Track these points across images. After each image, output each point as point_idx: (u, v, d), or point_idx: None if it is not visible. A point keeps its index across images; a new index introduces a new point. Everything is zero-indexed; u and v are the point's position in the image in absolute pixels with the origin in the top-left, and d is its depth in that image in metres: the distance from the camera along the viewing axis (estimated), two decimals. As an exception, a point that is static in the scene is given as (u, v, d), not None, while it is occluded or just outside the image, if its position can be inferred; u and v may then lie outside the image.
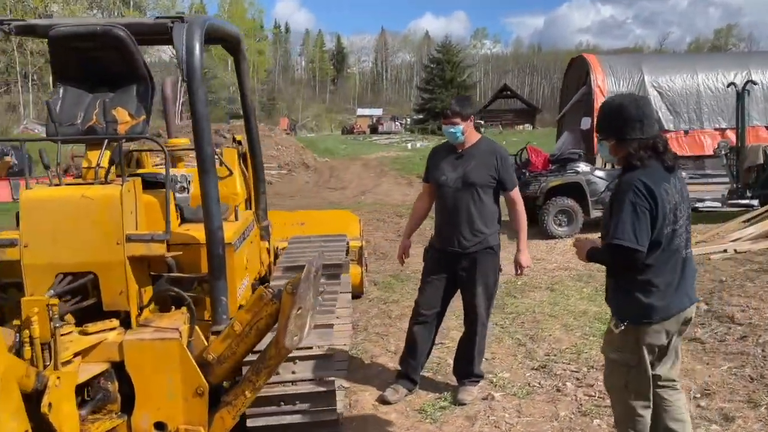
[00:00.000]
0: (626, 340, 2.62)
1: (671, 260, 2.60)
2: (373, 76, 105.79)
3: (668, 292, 2.58)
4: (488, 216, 3.83)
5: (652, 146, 2.60)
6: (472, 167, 3.80)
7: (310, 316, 2.78)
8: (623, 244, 2.46)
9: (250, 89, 4.20)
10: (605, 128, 2.73)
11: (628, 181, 2.56)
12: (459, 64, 51.70)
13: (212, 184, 3.03)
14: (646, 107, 2.68)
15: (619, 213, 2.50)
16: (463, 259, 3.84)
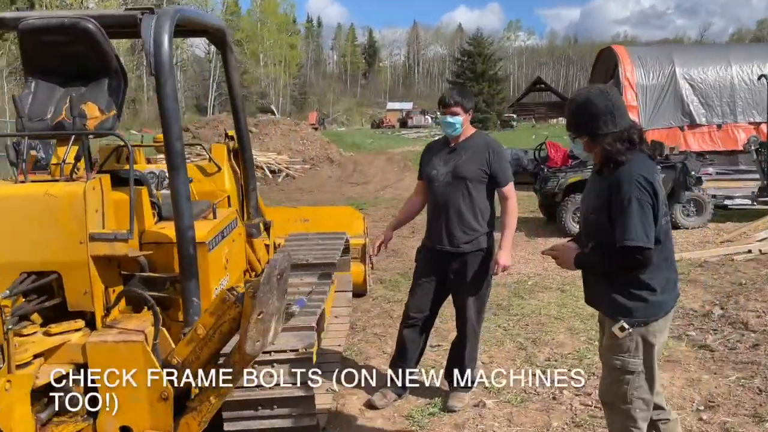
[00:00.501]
0: (633, 342, 2.47)
1: (669, 253, 2.52)
2: (405, 69, 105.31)
3: (668, 287, 2.50)
4: (479, 212, 3.65)
5: (627, 138, 2.46)
6: (463, 161, 3.64)
7: (275, 320, 2.66)
8: (638, 244, 2.33)
9: (238, 83, 4.09)
10: (576, 125, 2.56)
11: (627, 177, 2.40)
12: (490, 57, 50.93)
13: (182, 182, 2.93)
14: (615, 98, 2.52)
15: (624, 212, 2.36)
16: (454, 260, 3.68)
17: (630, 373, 2.49)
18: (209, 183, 4.06)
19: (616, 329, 2.48)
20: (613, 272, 2.52)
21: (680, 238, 8.16)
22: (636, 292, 2.47)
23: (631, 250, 2.35)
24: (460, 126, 3.62)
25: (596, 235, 2.57)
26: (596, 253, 2.57)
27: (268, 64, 64.42)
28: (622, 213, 2.37)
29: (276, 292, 2.59)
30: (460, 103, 3.60)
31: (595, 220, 2.55)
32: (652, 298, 2.46)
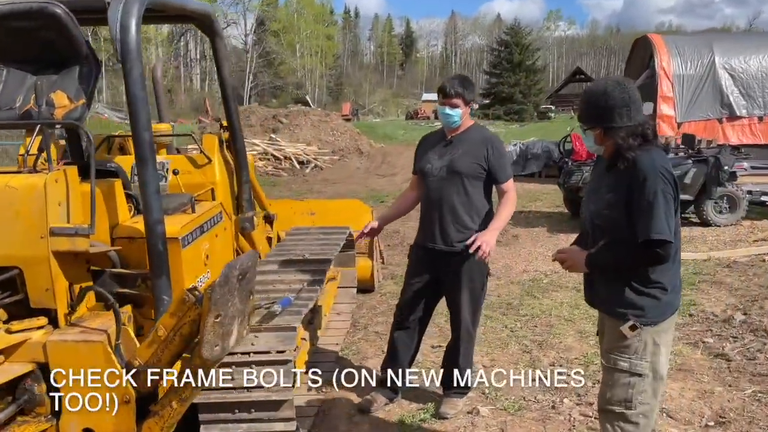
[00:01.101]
0: (642, 343, 2.38)
1: (677, 251, 2.44)
2: (442, 60, 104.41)
3: (677, 286, 2.46)
4: (475, 210, 3.44)
5: (641, 133, 2.38)
6: (459, 155, 3.42)
7: (237, 323, 2.51)
8: (666, 238, 2.25)
9: (228, 72, 3.95)
10: (590, 116, 2.46)
11: (652, 170, 2.31)
12: (528, 47, 50.03)
13: (150, 174, 2.81)
14: (631, 91, 2.42)
15: (651, 205, 2.28)
16: (448, 259, 3.48)
17: (636, 376, 2.39)
18: (200, 175, 3.94)
19: (625, 328, 2.38)
20: (630, 269, 2.42)
21: (711, 236, 7.77)
22: (648, 290, 2.39)
23: (656, 244, 2.27)
24: (459, 118, 3.42)
25: (611, 231, 2.43)
26: (610, 250, 2.44)
27: (304, 55, 64.54)
28: (648, 206, 2.28)
29: (237, 293, 2.44)
30: (461, 94, 3.38)
31: (610, 215, 2.42)
32: (663, 297, 2.39)
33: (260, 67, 53.80)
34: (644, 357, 2.39)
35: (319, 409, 3.68)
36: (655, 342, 2.40)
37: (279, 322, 3.37)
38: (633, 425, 2.40)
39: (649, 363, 2.40)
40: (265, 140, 18.78)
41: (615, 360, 2.43)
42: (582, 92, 2.55)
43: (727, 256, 6.60)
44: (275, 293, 3.83)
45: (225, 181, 4.05)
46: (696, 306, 4.98)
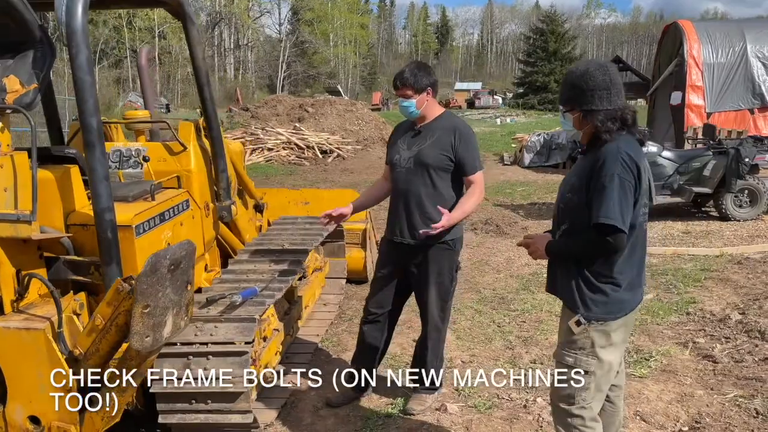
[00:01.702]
0: (589, 340, 2.32)
1: (640, 246, 2.38)
2: (478, 48, 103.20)
3: (636, 281, 2.38)
4: (443, 204, 3.30)
5: (620, 117, 2.32)
6: (427, 146, 3.30)
7: (172, 314, 2.47)
8: (613, 224, 2.16)
9: (202, 57, 3.89)
10: (570, 98, 2.41)
11: (612, 153, 2.24)
12: (563, 35, 48.92)
13: (97, 161, 2.77)
14: (613, 75, 2.36)
15: (604, 189, 2.20)
16: (415, 253, 3.37)
17: (581, 373, 2.34)
18: (175, 162, 3.90)
19: (572, 323, 2.34)
20: (583, 256, 2.35)
21: (729, 230, 7.46)
22: (599, 284, 2.32)
23: (604, 230, 2.19)
24: (414, 109, 3.29)
25: (570, 215, 2.39)
26: (569, 237, 2.40)
27: (338, 44, 64.48)
28: (601, 189, 2.21)
29: (169, 283, 2.39)
30: (409, 84, 3.25)
31: (571, 198, 2.38)
32: (614, 294, 2.31)
33: (294, 56, 53.91)
34: (591, 354, 2.33)
35: (288, 401, 3.62)
36: (604, 340, 2.32)
37: (241, 312, 3.33)
38: (571, 423, 2.37)
39: (596, 361, 2.33)
40: (289, 129, 18.80)
41: (562, 355, 2.39)
42: (565, 74, 2.48)
43: (740, 252, 6.31)
44: (246, 283, 3.79)
45: (201, 168, 4.00)
46: (695, 304, 4.76)
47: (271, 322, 3.84)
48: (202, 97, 3.95)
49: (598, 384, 2.37)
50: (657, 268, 5.91)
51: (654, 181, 7.95)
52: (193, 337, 3.18)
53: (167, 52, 37.40)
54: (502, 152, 16.68)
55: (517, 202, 9.83)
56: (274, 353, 3.85)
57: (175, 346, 3.14)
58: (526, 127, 24.67)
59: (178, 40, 35.65)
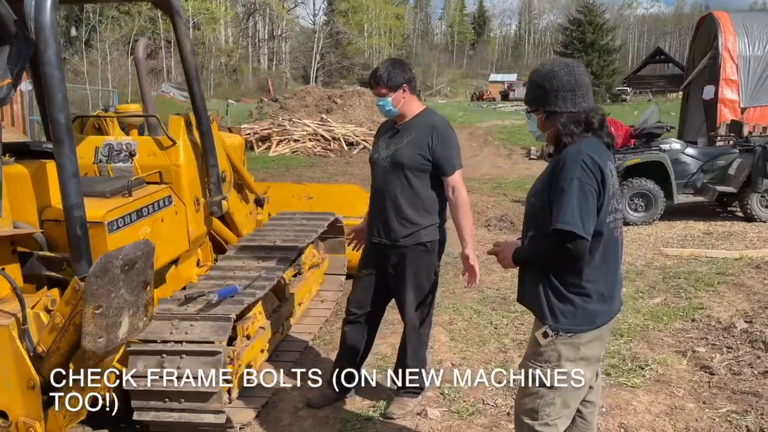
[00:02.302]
0: (555, 353, 2.21)
1: (612, 255, 2.25)
2: (516, 39, 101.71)
3: (609, 292, 2.25)
4: (420, 205, 3.23)
5: (585, 120, 2.22)
6: (403, 145, 3.21)
7: (128, 314, 2.44)
8: (570, 230, 2.05)
9: (191, 51, 3.85)
10: (533, 98, 2.32)
11: (572, 155, 2.14)
12: (602, 26, 47.84)
13: (66, 157, 2.75)
14: (579, 76, 2.25)
15: (562, 193, 2.11)
16: (392, 253, 3.29)
17: (545, 387, 2.22)
18: (164, 157, 3.88)
19: (539, 334, 2.23)
20: (547, 264, 2.25)
21: (752, 232, 7.16)
22: (568, 294, 2.21)
23: (563, 236, 2.08)
24: (391, 107, 3.20)
25: (535, 221, 2.30)
26: (534, 243, 2.31)
27: (372, 35, 64.34)
28: (560, 194, 2.11)
29: (123, 284, 2.36)
30: (383, 82, 3.16)
31: (535, 204, 2.29)
32: (583, 304, 2.20)
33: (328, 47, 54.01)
34: (557, 368, 2.22)
35: (269, 401, 3.58)
36: (572, 353, 2.21)
37: (218, 311, 3.30)
38: None
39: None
40: (316, 121, 18.82)
41: (527, 367, 2.28)
42: (531, 73, 2.38)
43: (761, 255, 6.04)
44: (232, 280, 3.76)
45: (191, 163, 3.97)
46: (703, 310, 4.56)
47: (256, 320, 3.81)
48: (192, 92, 3.92)
49: (565, 400, 2.26)
50: (670, 270, 5.70)
51: (676, 179, 7.71)
52: (169, 335, 3.17)
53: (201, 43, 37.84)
54: (529, 146, 16.38)
55: (537, 198, 9.61)
56: (259, 351, 3.83)
57: (150, 344, 3.14)
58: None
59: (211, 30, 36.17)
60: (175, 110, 22.14)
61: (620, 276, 2.38)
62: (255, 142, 17.49)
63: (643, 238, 7.07)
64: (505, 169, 13.25)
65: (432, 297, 3.39)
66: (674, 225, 7.56)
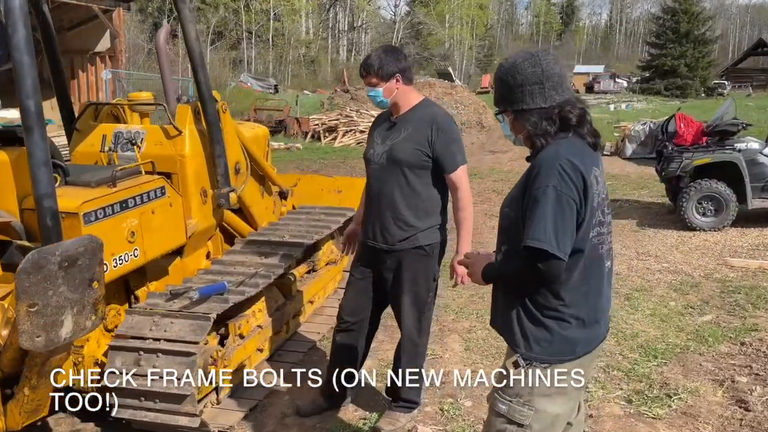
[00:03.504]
0: (527, 386, 1.92)
1: (595, 275, 1.95)
2: (606, 29, 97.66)
3: (590, 317, 1.94)
4: (419, 205, 2.96)
5: (559, 116, 1.92)
6: (401, 140, 2.95)
7: (73, 313, 2.31)
8: (542, 247, 1.77)
9: (195, 37, 3.72)
10: (499, 98, 2.03)
11: (548, 160, 1.85)
12: (698, 15, 44.86)
13: (36, 145, 2.65)
14: (547, 65, 1.94)
15: (536, 204, 1.82)
16: (387, 258, 3.04)
17: (514, 425, 1.94)
18: (170, 146, 3.79)
19: (509, 363, 1.96)
20: (517, 284, 1.97)
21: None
22: (542, 319, 1.92)
23: (534, 254, 1.80)
24: (382, 98, 2.95)
25: (508, 234, 2.00)
26: (505, 260, 2.02)
27: (453, 25, 63.40)
28: (533, 205, 1.83)
29: (62, 281, 2.24)
30: (374, 71, 2.91)
31: (509, 215, 2.00)
32: (561, 331, 1.91)
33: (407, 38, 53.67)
34: (528, 403, 1.92)
35: (259, 403, 3.43)
36: (546, 387, 1.92)
37: (201, 309, 3.17)
38: None
39: (533, 413, 1.92)
40: (381, 112, 18.65)
41: (494, 399, 1.99)
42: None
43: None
44: (230, 275, 3.63)
45: (197, 154, 3.86)
46: (756, 332, 4.03)
47: (252, 318, 3.66)
48: (197, 80, 3.79)
49: None
50: (730, 284, 5.11)
51: (751, 182, 6.93)
52: (148, 331, 3.07)
53: (281, 34, 38.49)
54: (604, 141, 15.51)
55: (598, 198, 9.02)
56: (256, 350, 3.68)
57: (130, 340, 3.05)
58: (641, 114, 22.92)
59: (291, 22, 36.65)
60: (251, 100, 22.62)
61: (608, 297, 2.05)
62: (322, 133, 17.52)
63: (708, 246, 6.44)
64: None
65: (431, 304, 3.13)
66: (747, 233, 6.84)
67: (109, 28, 18.59)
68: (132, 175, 3.35)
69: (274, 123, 17.44)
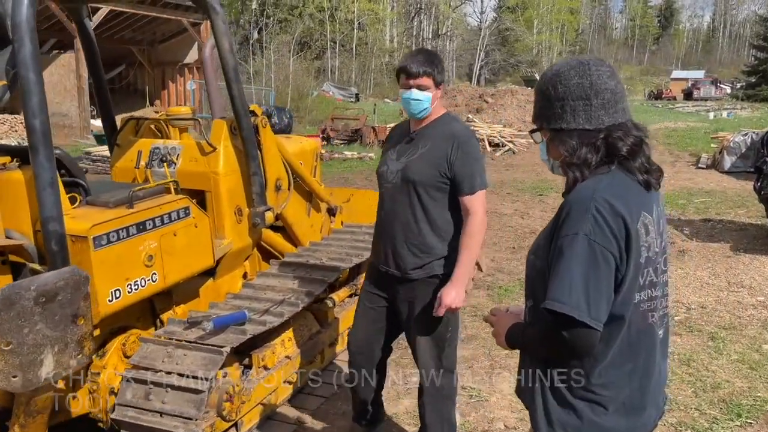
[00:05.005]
0: None
1: (643, 349, 1.57)
2: (708, 32, 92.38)
3: (635, 403, 1.57)
4: (435, 229, 2.67)
5: (605, 143, 1.54)
6: (417, 157, 2.66)
7: (52, 351, 2.13)
8: (568, 312, 1.41)
9: (229, 49, 3.53)
10: (537, 112, 1.67)
11: (581, 200, 1.49)
12: (813, 15, 41.50)
13: (40, 166, 2.53)
14: (599, 78, 1.56)
15: (560, 257, 1.46)
16: (401, 287, 2.76)
17: None
18: (204, 163, 3.63)
19: None
20: (539, 355, 1.62)
21: None
22: (572, 399, 1.56)
23: (558, 320, 1.44)
24: (428, 104, 2.63)
25: (533, 288, 1.66)
26: (531, 321, 1.67)
27: (542, 31, 61.83)
28: (558, 257, 1.47)
29: (40, 318, 2.06)
30: (430, 72, 2.60)
31: (534, 264, 1.65)
32: (593, 417, 1.54)
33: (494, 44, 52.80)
34: None
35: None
36: None
37: (217, 341, 2.95)
38: None
39: None
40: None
41: None
42: None
43: None
44: (258, 301, 3.42)
45: (233, 171, 3.67)
46: None
47: (280, 348, 3.42)
48: (231, 95, 3.60)
49: None
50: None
51: None
52: (160, 363, 2.89)
53: (364, 43, 38.75)
54: (700, 152, 14.38)
55: (688, 217, 8.24)
56: (282, 383, 3.44)
57: (141, 371, 2.88)
58: (745, 122, 21.21)
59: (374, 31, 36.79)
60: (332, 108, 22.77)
61: (661, 373, 1.65)
62: (397, 142, 17.31)
63: None
64: (673, 177, 11.62)
65: (452, 340, 2.79)
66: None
67: (197, 40, 19.24)
68: (154, 195, 3.19)
69: (350, 132, 17.39)
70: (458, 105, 21.10)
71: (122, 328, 3.21)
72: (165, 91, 20.97)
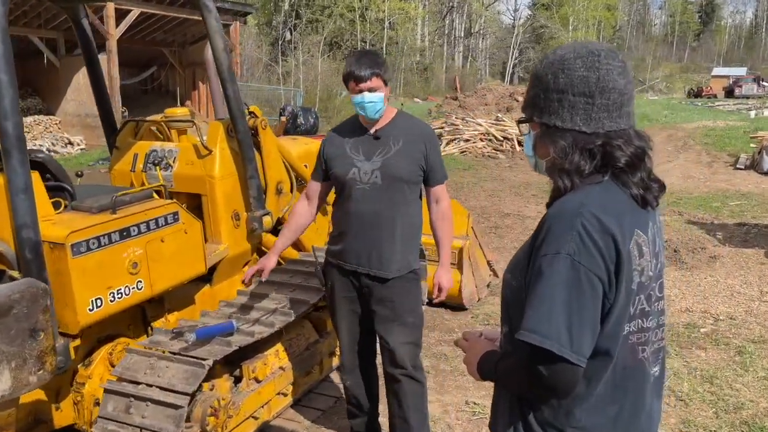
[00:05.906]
0: None
1: (630, 390, 1.37)
2: (751, 29, 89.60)
3: None
4: (414, 225, 2.75)
5: (602, 150, 1.33)
6: (394, 155, 2.63)
7: (8, 367, 2.04)
8: (545, 346, 1.23)
9: (222, 48, 3.41)
10: (528, 99, 1.44)
11: (566, 213, 1.29)
12: None
13: (13, 171, 2.45)
14: (609, 73, 1.33)
15: (539, 278, 1.27)
16: (377, 286, 2.71)
17: None
18: (200, 166, 3.52)
19: None
20: (514, 390, 1.42)
21: None
22: None
23: (534, 353, 1.24)
24: (383, 104, 2.63)
25: (508, 312, 1.47)
26: (506, 349, 1.49)
27: (578, 28, 60.73)
28: (536, 278, 1.27)
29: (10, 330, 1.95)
30: (378, 73, 2.59)
31: (511, 284, 1.45)
32: None
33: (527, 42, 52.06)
34: None
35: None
36: None
37: (201, 352, 2.83)
38: None
39: None
40: (490, 120, 17.90)
41: None
42: None
43: None
44: (251, 310, 3.29)
45: (230, 174, 3.56)
46: None
47: (274, 358, 3.29)
48: (226, 95, 3.48)
49: None
50: None
51: None
52: (142, 375, 2.78)
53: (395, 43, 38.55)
54: (739, 153, 13.83)
55: (722, 221, 7.86)
56: (275, 395, 3.30)
57: (123, 384, 2.77)
58: (787, 121, 20.40)
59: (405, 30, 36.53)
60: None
61: (651, 413, 1.44)
62: (425, 142, 17.13)
63: None
64: (698, 180, 11.21)
65: (421, 336, 2.83)
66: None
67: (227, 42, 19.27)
68: (141, 200, 3.09)
69: (376, 132, 17.29)
70: (488, 104, 20.74)
71: (111, 336, 3.12)
72: (195, 91, 21.19)
